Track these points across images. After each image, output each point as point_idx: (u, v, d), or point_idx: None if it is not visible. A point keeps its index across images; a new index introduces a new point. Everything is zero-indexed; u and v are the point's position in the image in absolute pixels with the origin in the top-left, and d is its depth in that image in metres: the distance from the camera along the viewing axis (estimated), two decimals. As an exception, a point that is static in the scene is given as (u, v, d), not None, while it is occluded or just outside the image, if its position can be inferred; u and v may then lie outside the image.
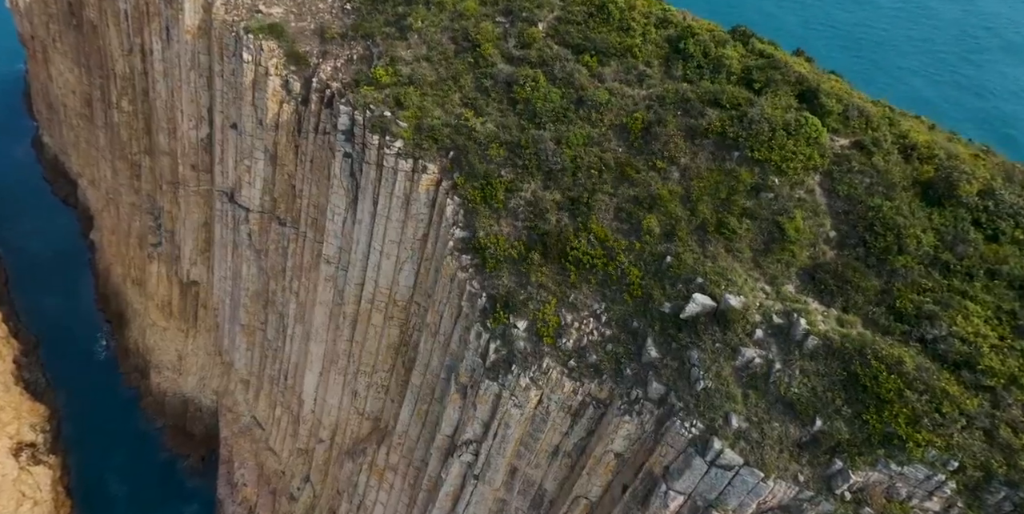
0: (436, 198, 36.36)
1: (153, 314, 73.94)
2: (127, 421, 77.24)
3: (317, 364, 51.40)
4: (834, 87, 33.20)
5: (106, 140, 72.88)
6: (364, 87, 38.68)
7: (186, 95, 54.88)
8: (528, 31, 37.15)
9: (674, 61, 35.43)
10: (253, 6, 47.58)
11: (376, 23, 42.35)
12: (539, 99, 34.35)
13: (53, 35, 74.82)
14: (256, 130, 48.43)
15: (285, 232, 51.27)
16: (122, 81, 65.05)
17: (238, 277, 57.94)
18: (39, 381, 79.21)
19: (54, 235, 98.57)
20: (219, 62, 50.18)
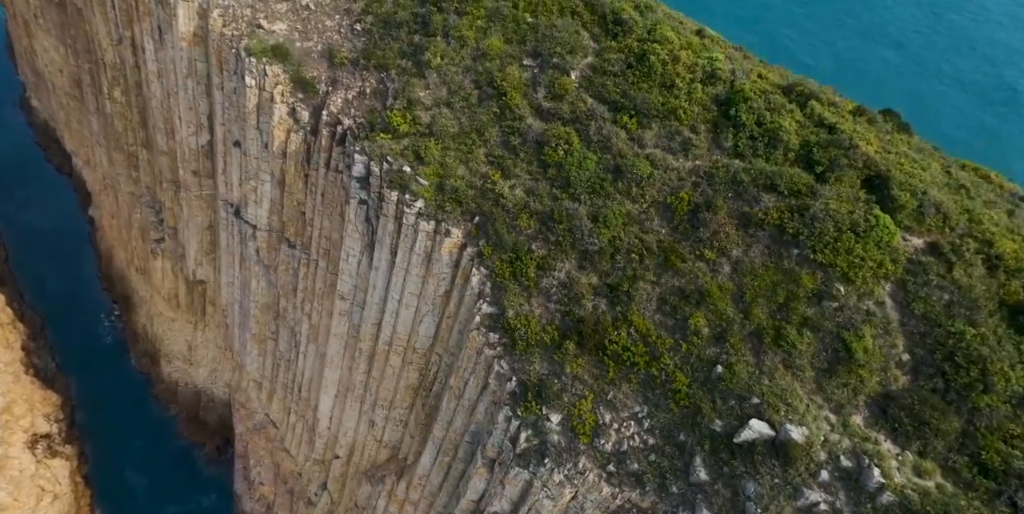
0: (460, 261, 34.45)
1: (160, 305, 72.78)
2: (140, 408, 77.44)
3: (332, 388, 50.66)
4: (904, 168, 30.22)
5: (99, 126, 69.58)
6: (380, 134, 35.94)
7: (183, 102, 51.66)
8: (559, 81, 34.03)
9: (723, 128, 32.41)
10: (253, 20, 43.92)
11: (390, 52, 39.00)
12: (573, 165, 31.77)
13: (34, 10, 70.14)
14: (262, 153, 45.81)
15: (295, 254, 49.42)
16: (112, 71, 61.34)
17: (246, 288, 56.43)
18: (49, 367, 78.92)
19: (51, 206, 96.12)
20: (218, 75, 46.94)
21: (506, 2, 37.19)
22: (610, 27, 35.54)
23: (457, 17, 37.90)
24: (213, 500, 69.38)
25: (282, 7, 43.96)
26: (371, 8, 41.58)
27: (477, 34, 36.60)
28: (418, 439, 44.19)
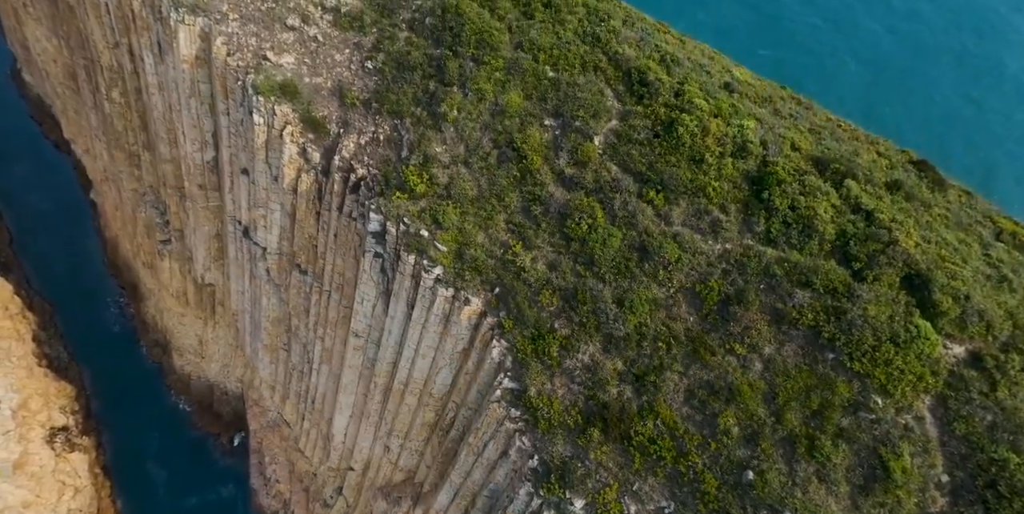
0: (479, 327, 34.12)
1: (168, 301, 72.72)
2: (154, 397, 78.51)
3: (346, 410, 51.21)
4: (945, 264, 29.15)
5: (98, 122, 67.78)
6: (396, 193, 34.95)
7: (187, 120, 50.14)
8: (582, 146, 32.79)
9: (755, 209, 31.21)
10: (259, 50, 42.09)
11: (404, 98, 37.49)
12: (597, 241, 31.00)
13: (23, 1, 67.14)
14: (271, 185, 44.79)
15: (307, 280, 49.01)
16: (110, 73, 59.26)
17: (257, 302, 56.26)
18: (61, 356, 79.59)
19: (51, 185, 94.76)
20: (223, 100, 45.43)
21: (526, 54, 35.47)
22: (635, 87, 33.97)
23: (474, 65, 36.24)
24: (231, 491, 71.22)
25: (288, 37, 42.05)
26: (382, 45, 39.77)
27: (495, 87, 35.08)
28: (435, 471, 44.96)
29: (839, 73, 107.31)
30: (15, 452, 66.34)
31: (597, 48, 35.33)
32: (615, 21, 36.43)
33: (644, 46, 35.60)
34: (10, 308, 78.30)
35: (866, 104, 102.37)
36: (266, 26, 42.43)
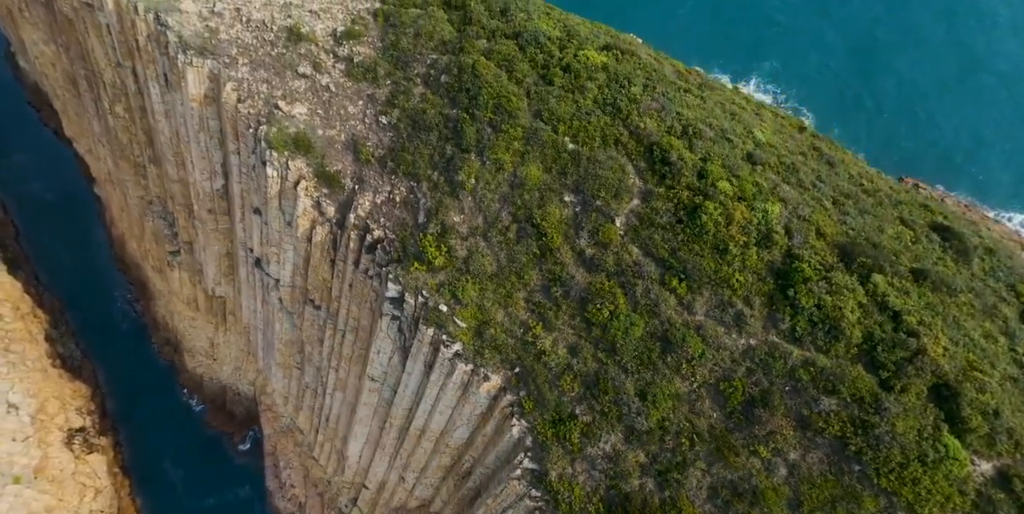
0: (499, 400, 34.52)
1: (178, 305, 73.14)
2: (167, 395, 79.77)
3: (361, 437, 52.20)
4: (974, 374, 29.05)
5: (101, 129, 66.69)
6: (415, 264, 34.85)
7: (195, 151, 49.49)
8: (604, 227, 32.47)
9: (779, 304, 30.94)
10: (270, 98, 41.21)
11: (420, 160, 36.93)
12: (619, 329, 31.06)
13: (18, 3, 65.05)
14: (284, 228, 44.51)
15: (321, 315, 49.21)
16: (113, 89, 58.02)
17: (269, 325, 56.65)
18: (74, 354, 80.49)
19: (53, 174, 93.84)
20: (233, 141, 44.82)
21: (545, 125, 34.71)
22: (657, 166, 33.38)
23: (491, 131, 35.55)
24: (247, 492, 73.14)
25: (300, 85, 41.08)
26: (397, 100, 38.89)
27: (514, 157, 34.51)
28: (451, 508, 46.16)
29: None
30: (35, 457, 67.86)
31: (618, 119, 34.60)
32: (635, 87, 35.52)
33: (665, 116, 34.84)
34: (21, 308, 78.76)
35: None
36: (277, 72, 41.44)
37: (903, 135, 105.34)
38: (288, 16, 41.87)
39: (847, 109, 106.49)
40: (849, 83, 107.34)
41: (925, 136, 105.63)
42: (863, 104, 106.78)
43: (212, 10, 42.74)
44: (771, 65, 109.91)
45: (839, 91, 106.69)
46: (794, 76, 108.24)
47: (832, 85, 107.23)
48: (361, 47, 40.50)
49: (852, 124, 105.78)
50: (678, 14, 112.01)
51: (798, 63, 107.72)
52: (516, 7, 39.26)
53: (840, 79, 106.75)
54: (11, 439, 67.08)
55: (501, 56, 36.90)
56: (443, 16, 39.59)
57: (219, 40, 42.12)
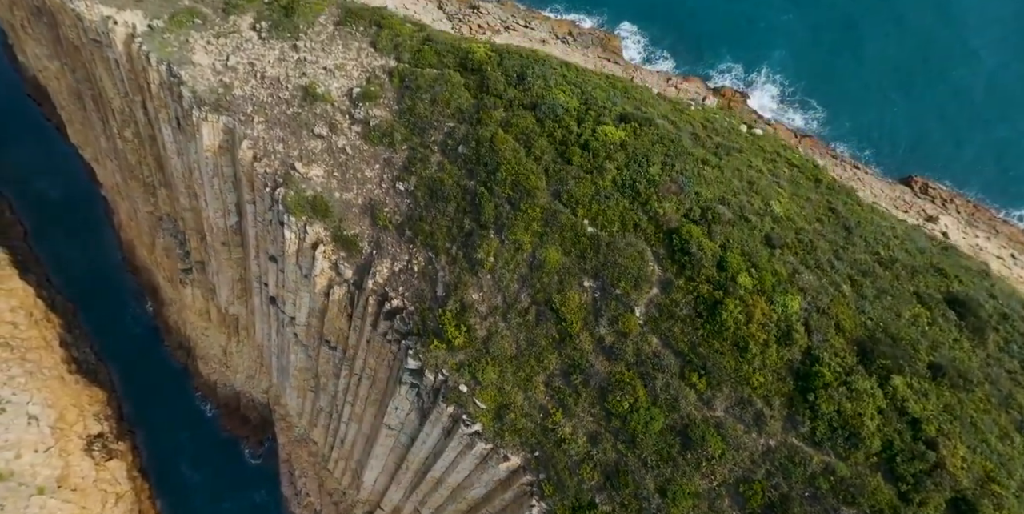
0: (518, 476, 35.56)
1: (191, 316, 74.03)
2: (182, 398, 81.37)
3: (377, 467, 53.63)
4: (992, 488, 29.56)
5: (109, 147, 66.33)
6: (435, 342, 35.51)
7: (209, 192, 49.58)
8: (623, 317, 32.96)
9: (799, 407, 31.45)
10: (287, 158, 41.21)
11: (439, 231, 37.18)
12: (639, 422, 31.84)
13: (20, 20, 63.86)
14: (301, 280, 44.94)
15: (336, 356, 50.04)
16: (121, 116, 57.58)
17: (283, 353, 57.55)
18: (89, 359, 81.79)
19: (58, 171, 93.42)
20: (249, 192, 44.84)
21: (564, 207, 34.83)
22: (677, 255, 33.64)
23: (510, 208, 35.70)
24: (263, 496, 75.41)
25: (316, 146, 40.97)
26: (414, 167, 38.87)
27: (533, 239, 34.78)
28: (466, 544, 47.83)
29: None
30: (57, 467, 69.82)
31: (637, 203, 34.72)
32: (654, 166, 35.51)
33: (684, 199, 34.94)
34: (34, 314, 79.71)
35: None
36: (293, 132, 41.30)
37: (913, 128, 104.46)
38: (303, 74, 41.43)
39: (857, 102, 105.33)
40: (859, 75, 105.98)
41: (934, 129, 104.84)
42: (873, 97, 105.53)
43: (225, 64, 42.28)
44: (781, 54, 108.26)
45: (849, 83, 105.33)
46: (804, 66, 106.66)
47: (842, 77, 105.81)
48: (377, 110, 40.24)
49: (862, 117, 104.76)
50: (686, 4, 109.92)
51: (808, 53, 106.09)
52: (533, 73, 38.87)
53: (850, 71, 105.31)
54: (33, 450, 68.91)
55: (519, 129, 36.77)
56: (459, 81, 39.22)
57: (233, 96, 41.81)
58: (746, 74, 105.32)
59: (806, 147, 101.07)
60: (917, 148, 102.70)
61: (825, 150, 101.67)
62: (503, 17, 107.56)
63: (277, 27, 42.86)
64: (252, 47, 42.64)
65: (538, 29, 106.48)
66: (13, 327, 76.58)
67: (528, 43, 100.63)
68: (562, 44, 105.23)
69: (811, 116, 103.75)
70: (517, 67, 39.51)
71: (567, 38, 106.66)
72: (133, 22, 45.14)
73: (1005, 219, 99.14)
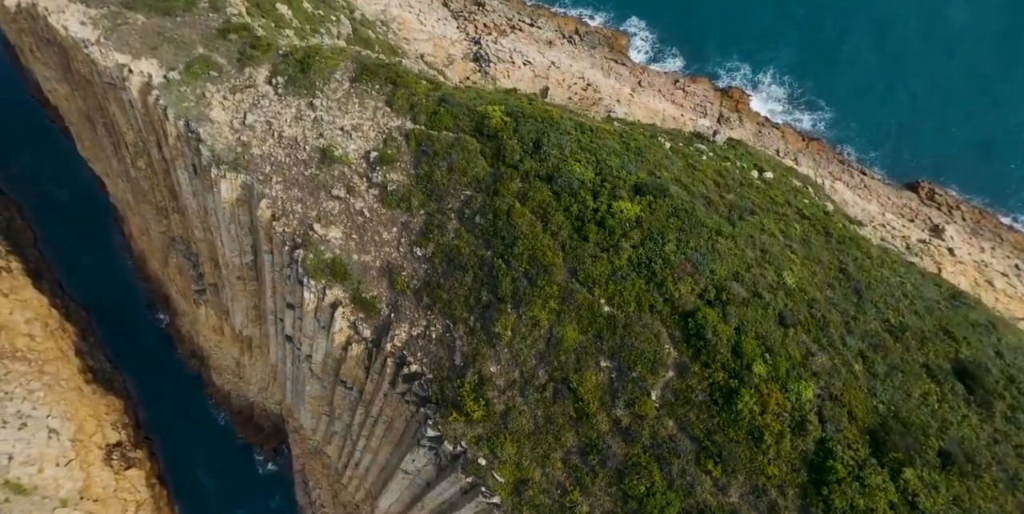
0: (536, 540, 36.94)
1: (204, 330, 75.22)
2: (196, 404, 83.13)
3: (393, 496, 55.32)
4: None
5: (120, 168, 66.62)
6: (453, 414, 36.61)
7: (226, 236, 50.21)
8: (640, 400, 33.96)
9: (813, 499, 32.35)
10: (305, 218, 41.80)
11: (456, 300, 38.00)
12: (655, 507, 33.01)
13: (29, 45, 63.49)
14: (319, 331, 45.88)
15: (352, 395, 51.23)
16: (134, 148, 57.83)
17: (298, 382, 58.80)
18: (104, 367, 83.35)
19: (64, 172, 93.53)
20: (266, 244, 45.47)
21: (581, 286, 35.53)
22: (692, 340, 34.48)
23: (527, 282, 36.43)
24: (278, 503, 77.67)
25: (333, 207, 41.50)
26: (431, 233, 39.48)
27: (550, 316, 35.59)
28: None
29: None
30: (79, 479, 71.85)
31: (652, 284, 35.42)
32: (669, 244, 36.12)
33: (699, 279, 35.64)
34: (50, 324, 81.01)
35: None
36: (311, 192, 41.79)
37: (919, 132, 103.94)
38: (320, 135, 41.71)
39: (865, 103, 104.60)
40: (869, 75, 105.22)
41: (942, 133, 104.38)
42: (881, 98, 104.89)
43: (243, 122, 42.52)
44: (790, 53, 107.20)
45: (857, 85, 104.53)
46: (812, 66, 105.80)
47: (852, 77, 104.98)
48: (395, 174, 40.64)
49: (870, 117, 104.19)
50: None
51: (817, 53, 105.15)
52: (548, 142, 39.15)
53: (859, 72, 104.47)
54: (55, 464, 70.80)
55: (536, 202, 37.27)
56: (476, 147, 39.53)
57: (252, 155, 42.18)
58: (753, 74, 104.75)
59: (814, 152, 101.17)
60: (925, 150, 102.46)
61: (832, 155, 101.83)
62: (508, 15, 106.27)
63: (293, 83, 42.96)
64: (269, 104, 42.83)
65: (544, 28, 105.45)
66: (30, 339, 77.90)
67: (535, 45, 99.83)
68: (569, 44, 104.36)
69: (819, 117, 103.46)
70: (533, 134, 39.78)
71: (574, 37, 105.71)
72: (149, 72, 45.19)
73: (1011, 225, 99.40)
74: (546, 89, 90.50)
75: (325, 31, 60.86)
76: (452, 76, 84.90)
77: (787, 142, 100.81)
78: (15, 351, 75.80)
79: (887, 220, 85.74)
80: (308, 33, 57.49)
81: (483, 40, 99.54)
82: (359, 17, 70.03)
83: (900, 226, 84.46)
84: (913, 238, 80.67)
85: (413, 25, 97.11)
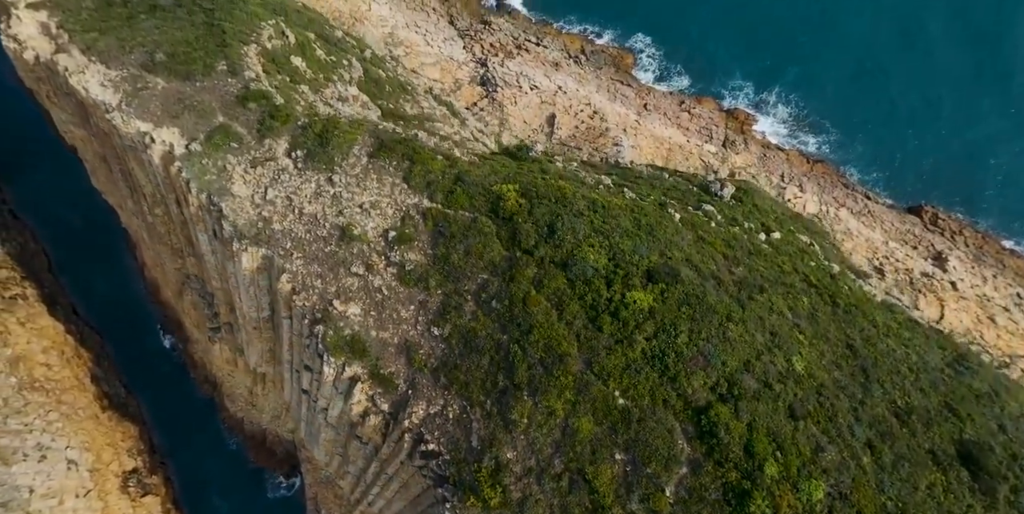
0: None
1: (217, 361, 76.56)
2: (210, 429, 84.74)
3: (407, 539, 56.91)
4: None
5: (136, 209, 67.54)
6: (471, 499, 37.90)
7: (244, 295, 51.23)
8: (655, 496, 35.18)
9: None
10: (325, 293, 42.90)
11: (473, 383, 39.19)
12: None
13: (47, 92, 64.11)
14: (337, 396, 47.11)
15: (367, 450, 52.56)
16: (152, 199, 58.74)
17: (312, 425, 60.14)
18: (119, 392, 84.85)
19: (76, 194, 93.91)
20: (285, 310, 46.56)
21: (596, 378, 36.67)
22: (705, 437, 35.66)
23: (542, 370, 37.58)
24: (291, 529, 79.47)
25: (353, 284, 42.55)
26: (448, 314, 40.55)
27: (565, 406, 36.77)
28: None
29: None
30: (98, 510, 73.70)
31: (666, 377, 36.56)
32: (681, 335, 37.20)
33: (711, 371, 36.80)
34: (65, 351, 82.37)
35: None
36: (330, 268, 42.82)
37: (924, 153, 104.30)
38: (340, 213, 42.65)
39: (869, 124, 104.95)
40: (872, 97, 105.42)
41: (947, 154, 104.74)
42: (885, 119, 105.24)
43: (264, 197, 43.44)
44: (794, 72, 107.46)
45: (862, 105, 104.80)
46: (817, 86, 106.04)
47: (855, 98, 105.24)
48: (412, 253, 41.65)
49: (873, 140, 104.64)
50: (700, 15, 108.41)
51: (821, 72, 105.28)
52: (562, 226, 40.09)
53: (863, 92, 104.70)
54: (75, 496, 72.55)
55: (551, 290, 38.33)
56: (491, 230, 40.47)
57: (273, 231, 43.15)
58: (757, 93, 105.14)
59: (819, 176, 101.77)
60: (929, 173, 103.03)
61: (837, 178, 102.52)
62: (515, 34, 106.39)
63: (313, 157, 43.82)
64: (289, 179, 43.72)
65: (550, 47, 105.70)
66: (47, 368, 79.34)
67: (541, 68, 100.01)
68: (575, 65, 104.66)
69: (823, 139, 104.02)
70: (547, 216, 40.70)
71: (580, 57, 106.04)
72: (171, 142, 46.04)
73: (1012, 249, 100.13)
74: (553, 116, 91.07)
75: (338, 78, 61.50)
76: (460, 107, 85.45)
77: (792, 165, 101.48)
78: (33, 381, 77.26)
79: (890, 250, 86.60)
80: (322, 84, 58.18)
81: (490, 62, 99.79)
82: (369, 56, 70.53)
83: (903, 256, 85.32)
84: (916, 271, 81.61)
85: (420, 47, 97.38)
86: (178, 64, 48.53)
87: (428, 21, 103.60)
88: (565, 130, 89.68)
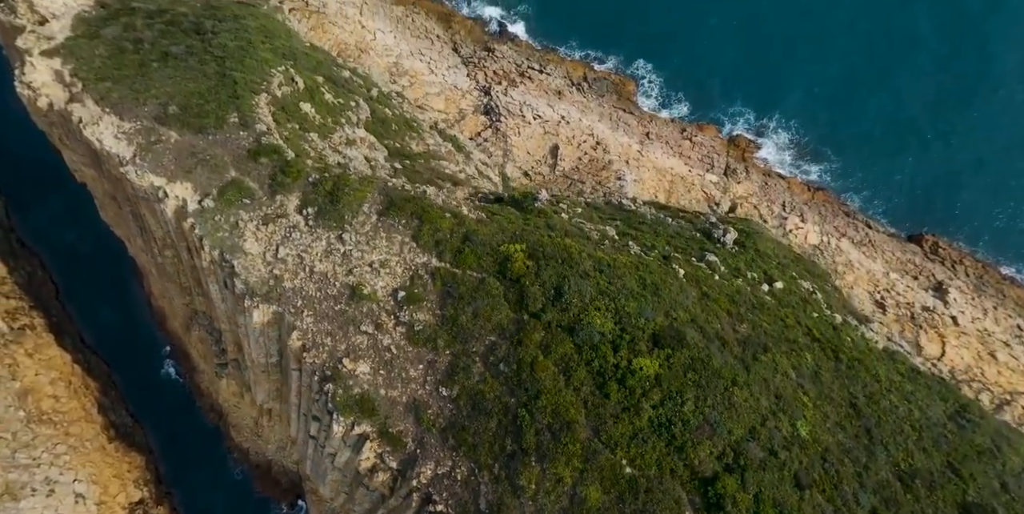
0: None
1: (224, 394, 77.18)
2: (215, 458, 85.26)
3: (413, 584, 57.52)
4: None
5: (144, 245, 68.20)
6: (479, 562, 38.50)
7: (254, 344, 51.82)
8: None
9: None
10: (334, 351, 43.52)
11: (481, 445, 39.78)
12: None
13: (59, 136, 64.83)
14: (344, 449, 47.70)
15: (374, 497, 53.15)
16: (162, 242, 59.40)
17: (319, 466, 60.71)
18: (125, 421, 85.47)
19: (83, 220, 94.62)
20: (295, 362, 47.18)
21: (603, 446, 37.27)
22: (712, 509, 36.27)
23: (550, 436, 38.16)
24: (296, 559, 80.00)
25: (362, 342, 43.17)
26: (456, 375, 41.17)
27: (573, 474, 37.36)
28: None
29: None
30: (104, 542, 74.20)
31: (673, 447, 37.17)
32: (688, 403, 37.83)
33: (717, 441, 37.42)
34: (73, 382, 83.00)
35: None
36: (340, 327, 43.42)
37: (924, 179, 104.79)
38: (349, 271, 43.29)
39: (870, 151, 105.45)
40: (873, 123, 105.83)
41: (948, 182, 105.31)
42: (886, 146, 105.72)
43: (276, 255, 44.09)
44: (797, 97, 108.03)
45: (862, 131, 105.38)
46: (818, 112, 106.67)
47: (856, 124, 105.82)
48: (421, 313, 42.27)
49: (874, 166, 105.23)
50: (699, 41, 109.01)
51: (822, 97, 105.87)
52: (569, 289, 40.74)
53: (864, 119, 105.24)
54: (82, 529, 73.19)
55: (558, 355, 38.96)
56: (499, 292, 41.11)
57: (284, 288, 43.80)
58: (758, 119, 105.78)
59: (820, 204, 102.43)
60: (930, 201, 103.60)
61: (838, 206, 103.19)
62: (518, 61, 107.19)
63: (323, 215, 44.48)
64: (300, 236, 44.38)
65: (553, 74, 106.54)
66: (55, 400, 79.97)
67: (544, 96, 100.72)
68: (578, 93, 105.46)
69: (825, 167, 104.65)
70: (554, 279, 41.34)
71: (582, 84, 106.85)
72: (184, 197, 46.71)
73: (1013, 277, 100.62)
74: (556, 147, 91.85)
75: (346, 120, 62.26)
76: (464, 140, 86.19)
77: (793, 194, 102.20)
78: (41, 414, 77.91)
79: (892, 282, 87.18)
80: (330, 128, 58.92)
81: (493, 91, 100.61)
82: (375, 94, 71.27)
83: (904, 289, 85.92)
84: (917, 306, 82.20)
85: (425, 76, 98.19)
86: (191, 117, 49.22)
87: (432, 49, 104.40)
88: (568, 161, 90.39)
